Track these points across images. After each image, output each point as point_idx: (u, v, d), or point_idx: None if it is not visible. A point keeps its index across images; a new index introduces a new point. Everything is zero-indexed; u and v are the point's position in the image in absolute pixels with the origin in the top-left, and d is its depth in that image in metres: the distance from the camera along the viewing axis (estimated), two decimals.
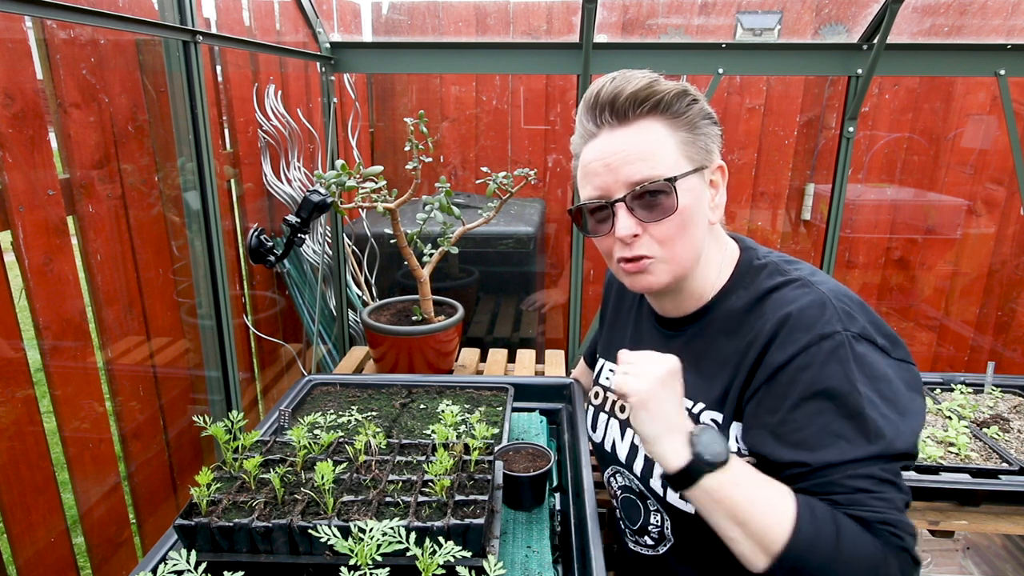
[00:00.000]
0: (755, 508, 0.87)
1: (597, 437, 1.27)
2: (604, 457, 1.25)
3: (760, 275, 1.05)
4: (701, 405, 1.05)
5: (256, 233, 1.86)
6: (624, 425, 1.21)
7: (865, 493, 0.87)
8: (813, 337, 0.91)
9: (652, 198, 0.98)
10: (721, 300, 1.07)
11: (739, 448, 1.00)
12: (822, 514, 0.86)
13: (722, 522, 0.89)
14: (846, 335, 0.91)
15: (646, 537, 1.17)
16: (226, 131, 2.28)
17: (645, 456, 1.13)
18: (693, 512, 1.02)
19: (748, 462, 0.99)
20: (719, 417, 1.02)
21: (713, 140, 1.04)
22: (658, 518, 1.13)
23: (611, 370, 1.29)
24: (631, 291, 1.26)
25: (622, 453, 1.18)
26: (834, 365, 0.89)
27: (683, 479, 0.90)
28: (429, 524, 0.86)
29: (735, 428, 1.01)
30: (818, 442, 0.89)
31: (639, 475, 1.13)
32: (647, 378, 0.93)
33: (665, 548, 1.14)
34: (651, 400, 0.91)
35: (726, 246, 1.11)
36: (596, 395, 1.32)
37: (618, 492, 1.23)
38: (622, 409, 1.23)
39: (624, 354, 0.99)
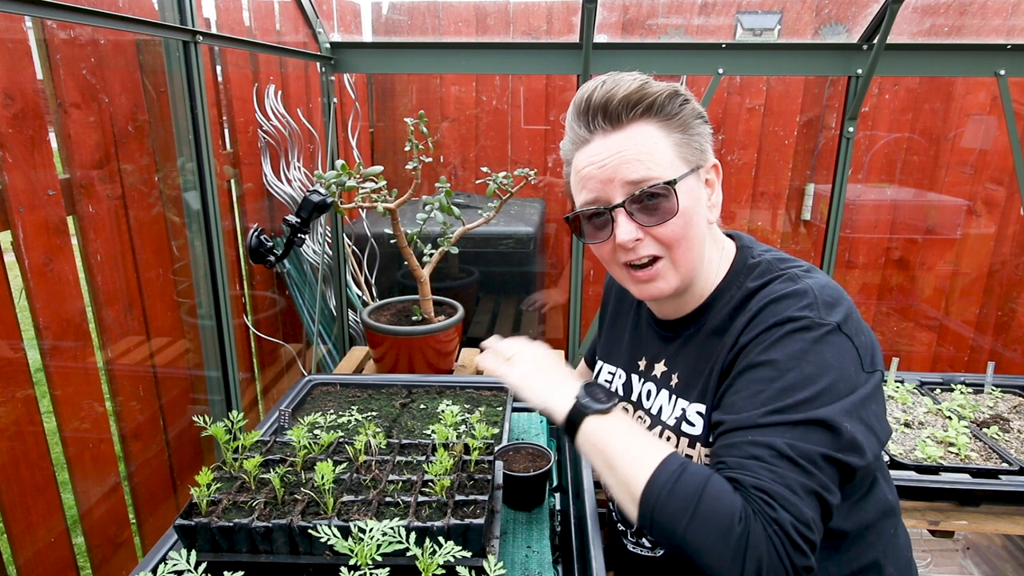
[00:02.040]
0: (624, 454, 0.89)
1: None
2: None
3: (752, 273, 1.05)
4: (693, 402, 1.05)
5: (256, 233, 1.86)
6: None
7: (756, 461, 0.81)
8: (781, 319, 0.91)
9: (652, 201, 0.97)
10: (715, 300, 1.07)
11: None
12: (693, 468, 0.83)
13: (600, 467, 0.92)
14: (815, 319, 0.89)
15: (644, 539, 1.17)
16: (226, 131, 2.28)
17: None
18: None
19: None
20: (702, 408, 1.03)
21: (706, 139, 1.04)
22: None
23: (610, 372, 1.29)
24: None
25: None
26: (787, 341, 0.89)
27: (568, 426, 0.95)
28: (429, 524, 0.86)
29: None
30: (743, 405, 0.88)
31: None
32: (523, 364, 1.07)
33: (663, 550, 1.14)
34: (530, 376, 1.04)
35: (723, 245, 1.11)
36: None
37: None
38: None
39: (497, 344, 1.13)
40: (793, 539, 0.77)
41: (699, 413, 1.03)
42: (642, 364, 1.20)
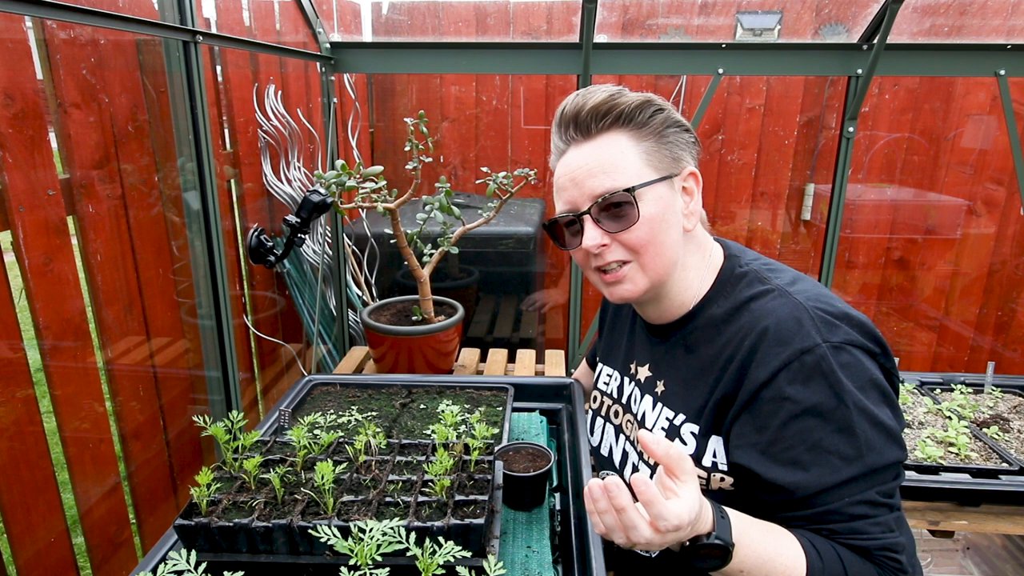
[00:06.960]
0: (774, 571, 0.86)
1: (594, 441, 1.28)
2: (600, 461, 1.26)
3: (740, 284, 1.05)
4: (682, 417, 1.05)
5: (256, 233, 1.86)
6: (618, 431, 1.21)
7: (863, 520, 0.88)
8: (793, 352, 0.90)
9: (616, 208, 0.99)
10: (703, 308, 1.07)
11: (715, 462, 1.00)
12: (827, 555, 0.87)
13: None
14: (826, 347, 0.90)
15: None
16: (226, 131, 2.28)
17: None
18: None
19: (725, 486, 0.99)
20: (696, 429, 1.02)
21: (683, 147, 1.04)
22: None
23: (608, 374, 1.30)
24: None
25: (616, 458, 1.19)
26: (818, 380, 0.89)
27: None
28: (429, 524, 0.86)
29: (714, 441, 1.01)
30: (811, 460, 0.89)
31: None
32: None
33: (657, 552, 1.14)
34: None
35: (709, 252, 1.11)
36: (594, 399, 1.32)
37: None
38: (616, 415, 1.23)
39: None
40: (904, 568, 0.90)
41: (692, 434, 1.03)
42: (632, 367, 1.21)
